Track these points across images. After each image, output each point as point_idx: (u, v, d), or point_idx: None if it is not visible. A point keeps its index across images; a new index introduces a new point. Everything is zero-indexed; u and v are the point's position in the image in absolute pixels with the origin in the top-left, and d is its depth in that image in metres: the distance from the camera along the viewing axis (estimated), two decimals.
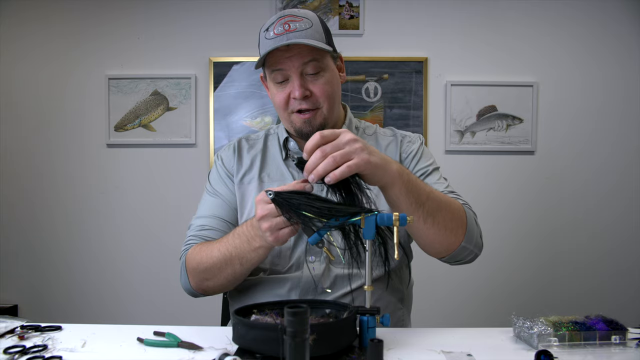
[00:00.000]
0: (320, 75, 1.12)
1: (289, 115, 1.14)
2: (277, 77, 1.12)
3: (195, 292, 1.13)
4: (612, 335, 0.88)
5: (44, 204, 2.61)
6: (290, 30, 1.07)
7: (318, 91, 1.11)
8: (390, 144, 1.24)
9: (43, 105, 2.61)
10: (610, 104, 2.61)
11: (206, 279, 1.08)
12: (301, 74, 1.10)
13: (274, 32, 1.08)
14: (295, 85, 1.09)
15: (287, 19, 1.09)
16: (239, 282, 1.09)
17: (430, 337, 0.93)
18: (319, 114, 1.13)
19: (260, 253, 0.98)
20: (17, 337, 0.91)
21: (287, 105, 1.13)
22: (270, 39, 1.08)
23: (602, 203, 2.61)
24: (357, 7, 2.58)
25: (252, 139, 1.28)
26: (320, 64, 1.11)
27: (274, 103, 1.18)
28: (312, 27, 1.10)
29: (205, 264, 1.06)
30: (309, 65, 1.10)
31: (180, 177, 2.60)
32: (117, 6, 2.60)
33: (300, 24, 1.09)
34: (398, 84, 2.58)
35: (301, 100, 1.10)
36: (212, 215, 1.18)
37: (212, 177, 1.25)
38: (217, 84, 2.58)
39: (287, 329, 0.56)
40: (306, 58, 1.09)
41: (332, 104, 1.15)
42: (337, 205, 0.85)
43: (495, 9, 2.60)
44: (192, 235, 1.17)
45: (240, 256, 1.00)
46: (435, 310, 2.45)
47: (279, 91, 1.13)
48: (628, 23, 2.59)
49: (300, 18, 1.10)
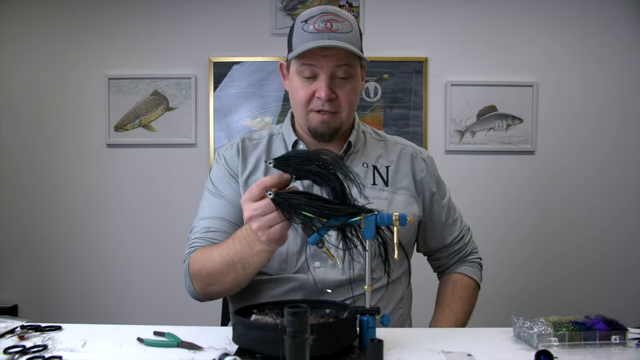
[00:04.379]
0: (349, 81, 1.11)
1: (307, 112, 1.13)
2: (305, 71, 1.10)
3: (200, 297, 1.10)
4: (612, 335, 0.88)
5: (44, 204, 2.61)
6: (332, 30, 1.07)
7: (343, 97, 1.11)
8: (402, 157, 1.24)
9: (43, 105, 2.61)
10: (610, 104, 2.61)
11: (210, 284, 1.05)
12: (331, 76, 1.09)
13: (314, 27, 1.07)
14: (323, 86, 1.08)
15: (329, 16, 1.08)
16: (244, 285, 1.06)
17: (430, 337, 0.93)
18: (337, 117, 1.13)
19: (262, 256, 0.95)
20: (17, 337, 0.91)
21: (309, 103, 1.12)
22: (310, 32, 1.07)
23: (602, 203, 2.61)
24: (357, 7, 2.58)
25: (255, 138, 1.25)
26: (351, 70, 1.11)
27: (293, 96, 1.15)
28: (351, 32, 1.09)
29: (207, 269, 1.03)
30: (341, 69, 1.09)
31: (180, 177, 2.60)
32: (117, 6, 2.60)
33: (342, 26, 1.08)
34: (398, 84, 2.58)
35: (325, 101, 1.09)
36: (216, 216, 1.14)
37: (214, 177, 1.21)
38: (217, 84, 2.58)
39: (287, 329, 0.56)
40: (341, 61, 1.08)
41: (351, 111, 1.15)
42: (337, 205, 0.84)
43: (495, 9, 2.60)
44: (197, 237, 1.13)
45: (242, 260, 0.96)
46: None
47: (304, 86, 1.11)
48: (628, 23, 2.59)
49: (343, 19, 1.09)
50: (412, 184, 1.21)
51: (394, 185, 1.19)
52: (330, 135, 1.14)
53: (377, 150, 1.23)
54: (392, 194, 1.17)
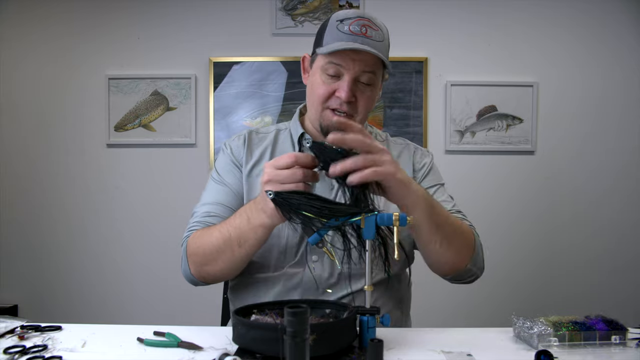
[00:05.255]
0: (370, 88, 1.13)
1: (323, 109, 1.14)
2: (330, 69, 1.11)
3: (195, 280, 1.12)
4: (612, 335, 0.88)
5: (44, 204, 2.61)
6: (367, 36, 1.08)
7: (362, 102, 1.12)
8: (403, 153, 1.26)
9: (43, 105, 2.61)
10: (610, 104, 2.61)
11: (205, 264, 1.07)
12: (355, 79, 1.11)
13: (349, 29, 1.09)
14: (346, 87, 1.09)
15: (365, 22, 1.10)
16: (238, 269, 1.07)
17: (430, 337, 0.93)
18: (352, 120, 1.14)
19: (259, 233, 0.96)
20: (17, 337, 0.91)
21: (326, 100, 1.13)
22: (344, 32, 1.09)
23: (602, 203, 2.61)
24: (357, 7, 2.58)
25: (262, 132, 1.28)
26: (375, 78, 1.13)
27: (312, 91, 1.16)
28: (383, 42, 1.12)
29: (204, 247, 1.05)
30: (366, 75, 1.11)
31: (180, 177, 2.60)
32: (117, 6, 2.60)
33: (377, 34, 1.10)
34: (398, 84, 2.58)
35: (345, 102, 1.11)
36: (217, 202, 1.16)
37: (219, 166, 1.23)
38: (217, 84, 2.58)
39: (287, 329, 0.56)
40: (368, 68, 1.10)
41: (365, 118, 1.17)
42: (337, 205, 0.85)
43: (495, 9, 2.60)
44: (196, 221, 1.15)
45: (239, 237, 0.98)
46: (435, 310, 2.44)
47: (325, 83, 1.12)
48: (628, 23, 2.59)
49: (377, 28, 1.12)
50: (411, 174, 1.23)
51: None
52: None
53: None
54: None
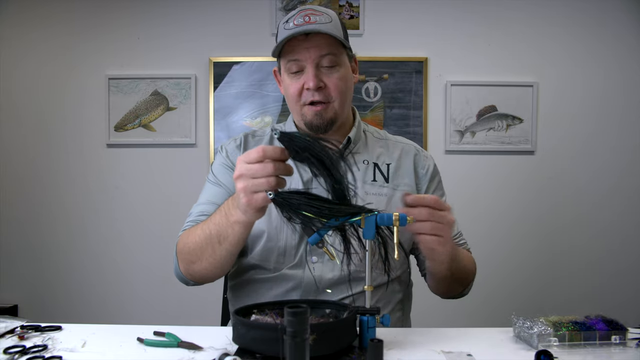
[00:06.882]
0: (336, 69, 1.13)
1: (301, 107, 1.15)
2: (292, 67, 1.13)
3: (185, 278, 1.12)
4: (612, 335, 0.88)
5: (44, 204, 2.61)
6: (311, 22, 1.09)
7: (331, 84, 1.13)
8: (404, 154, 1.25)
9: (43, 105, 2.61)
10: (610, 104, 2.61)
11: (191, 262, 1.07)
12: (317, 66, 1.11)
13: (293, 23, 1.09)
14: (310, 76, 1.10)
15: (307, 12, 1.11)
16: (223, 268, 1.06)
17: (430, 337, 0.93)
18: (330, 107, 1.14)
19: (237, 230, 0.95)
20: (17, 337, 0.91)
21: (300, 97, 1.14)
22: (290, 29, 1.09)
23: (602, 203, 2.61)
24: (357, 7, 2.58)
25: (258, 134, 1.28)
26: (337, 59, 1.13)
27: (286, 95, 1.18)
28: (331, 23, 1.12)
29: (189, 245, 1.06)
30: (326, 58, 1.11)
31: (180, 177, 2.60)
32: (117, 6, 2.60)
33: (321, 18, 1.11)
34: (398, 84, 2.58)
35: (314, 91, 1.11)
36: (211, 202, 1.17)
37: (215, 167, 1.25)
38: (217, 84, 2.58)
39: (287, 329, 0.56)
40: (324, 51, 1.11)
41: (344, 100, 1.16)
42: (337, 205, 0.84)
43: (495, 9, 2.60)
44: (190, 221, 1.16)
45: (218, 233, 0.98)
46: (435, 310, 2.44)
47: (293, 82, 1.14)
48: (628, 23, 2.59)
49: (321, 13, 1.12)
50: (413, 180, 1.22)
51: (394, 181, 1.20)
52: (325, 127, 1.16)
53: (378, 148, 1.25)
54: (393, 191, 1.18)
